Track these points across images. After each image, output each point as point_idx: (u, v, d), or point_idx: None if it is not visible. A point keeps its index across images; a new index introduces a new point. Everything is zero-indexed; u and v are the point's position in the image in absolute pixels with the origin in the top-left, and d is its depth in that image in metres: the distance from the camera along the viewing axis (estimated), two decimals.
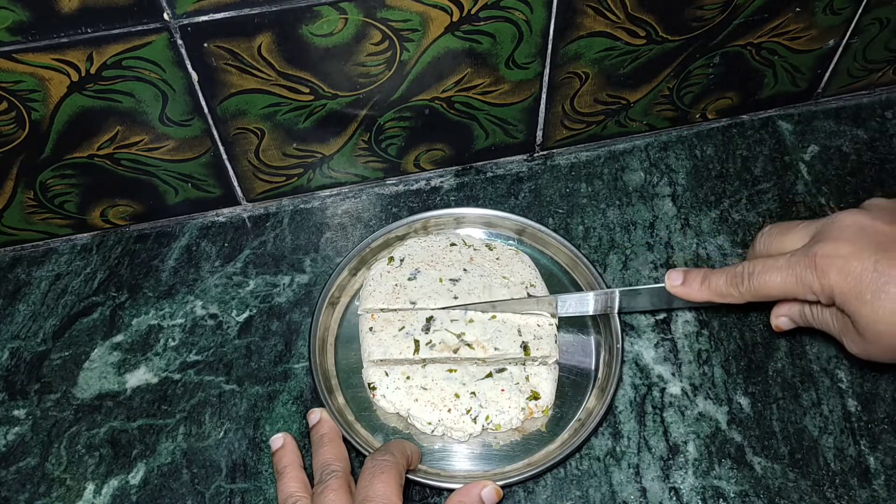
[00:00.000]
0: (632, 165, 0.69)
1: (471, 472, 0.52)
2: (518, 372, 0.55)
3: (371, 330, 0.56)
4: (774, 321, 0.51)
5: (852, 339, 0.46)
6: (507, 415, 0.53)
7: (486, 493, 0.47)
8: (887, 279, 0.42)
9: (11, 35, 0.49)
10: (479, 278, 0.59)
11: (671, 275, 0.52)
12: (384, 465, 0.45)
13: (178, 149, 0.60)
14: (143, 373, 0.58)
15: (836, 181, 0.67)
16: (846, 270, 0.43)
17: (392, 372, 0.54)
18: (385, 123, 0.62)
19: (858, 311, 0.43)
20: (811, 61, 0.68)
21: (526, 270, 0.60)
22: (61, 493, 0.52)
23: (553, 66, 0.61)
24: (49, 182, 0.60)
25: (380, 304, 0.57)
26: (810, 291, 0.45)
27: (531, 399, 0.54)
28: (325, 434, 0.51)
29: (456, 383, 0.54)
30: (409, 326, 0.56)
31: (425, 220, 0.63)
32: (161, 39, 0.51)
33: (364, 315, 0.58)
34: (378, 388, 0.54)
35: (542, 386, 0.54)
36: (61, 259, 0.64)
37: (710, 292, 0.50)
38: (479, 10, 0.55)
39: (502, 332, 0.55)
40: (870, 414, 0.54)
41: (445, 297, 0.57)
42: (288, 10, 0.51)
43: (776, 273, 0.46)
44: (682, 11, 0.59)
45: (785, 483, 0.51)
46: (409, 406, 0.53)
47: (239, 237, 0.65)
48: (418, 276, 0.59)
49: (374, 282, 0.59)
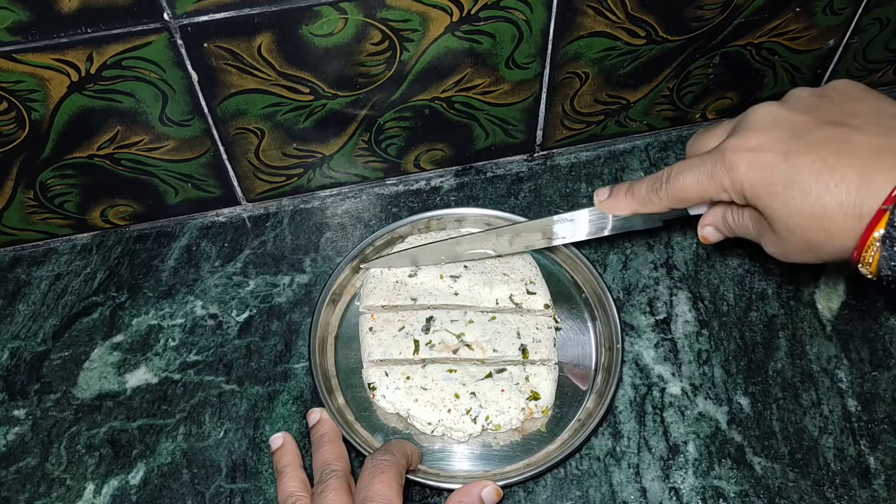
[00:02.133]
0: (632, 165, 0.69)
1: (471, 472, 0.52)
2: (518, 372, 0.54)
3: (371, 330, 0.56)
4: (700, 231, 0.49)
5: (769, 239, 0.43)
6: (506, 415, 0.53)
7: (486, 492, 0.47)
8: (798, 169, 0.39)
9: (11, 35, 0.49)
10: (480, 275, 0.59)
11: (599, 191, 0.51)
12: (384, 465, 0.45)
13: (178, 149, 0.60)
14: (143, 373, 0.58)
15: None
16: (756, 163, 0.40)
17: (392, 372, 0.54)
18: (385, 123, 0.62)
19: (770, 205, 0.40)
20: (811, 61, 0.68)
21: (526, 268, 0.60)
22: (61, 493, 0.52)
23: (553, 66, 0.61)
24: (49, 182, 0.60)
25: (381, 301, 0.57)
26: (722, 189, 0.42)
27: (531, 399, 0.53)
28: (325, 434, 0.51)
29: (456, 383, 0.54)
30: (409, 326, 0.56)
31: (427, 220, 0.62)
32: (161, 39, 0.51)
33: (364, 314, 0.58)
34: (378, 388, 0.54)
35: (542, 386, 0.54)
36: (61, 259, 0.64)
37: (633, 201, 0.48)
38: (479, 10, 0.55)
39: (501, 334, 0.55)
40: (870, 414, 0.54)
41: (446, 293, 0.57)
42: (288, 10, 0.51)
43: (690, 173, 0.44)
44: (682, 11, 0.59)
45: (785, 483, 0.51)
46: (409, 406, 0.53)
47: (239, 237, 0.65)
48: (419, 272, 0.59)
49: (375, 279, 0.59)
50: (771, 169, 0.40)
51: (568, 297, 0.60)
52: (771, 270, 0.61)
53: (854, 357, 0.57)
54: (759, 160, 0.40)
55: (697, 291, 0.60)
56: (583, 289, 0.60)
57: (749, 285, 0.61)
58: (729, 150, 0.42)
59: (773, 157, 0.40)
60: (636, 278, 0.61)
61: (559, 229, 0.56)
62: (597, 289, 0.58)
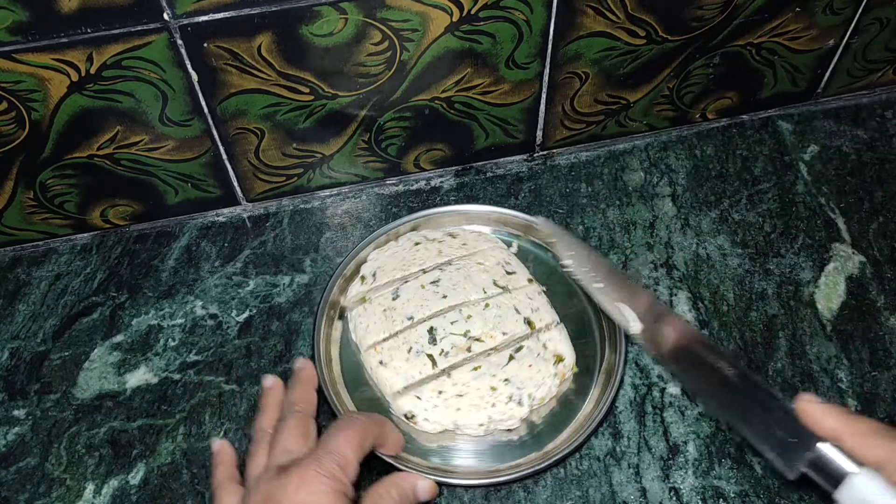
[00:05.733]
0: (632, 165, 0.69)
1: (475, 468, 0.52)
2: (534, 344, 0.55)
3: (381, 363, 0.55)
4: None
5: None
6: (545, 386, 0.53)
7: (421, 485, 0.48)
8: None
9: (11, 35, 0.49)
10: (458, 271, 0.59)
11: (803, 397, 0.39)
12: (352, 423, 0.45)
13: (178, 149, 0.60)
14: (142, 373, 0.58)
15: (836, 181, 0.67)
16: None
17: (422, 393, 0.53)
18: (385, 123, 0.62)
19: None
20: (811, 61, 0.68)
21: (496, 252, 0.60)
22: (61, 493, 0.52)
23: (553, 66, 0.61)
24: (49, 182, 0.60)
25: (381, 334, 0.56)
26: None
27: (557, 363, 0.54)
28: (301, 378, 0.52)
29: (486, 377, 0.53)
30: (416, 344, 0.55)
31: (425, 218, 0.63)
32: (161, 39, 0.51)
33: (367, 352, 0.56)
34: (417, 414, 0.53)
35: (561, 347, 0.55)
36: (61, 259, 0.64)
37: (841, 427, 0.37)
38: (479, 10, 0.55)
39: (502, 317, 0.56)
40: (870, 414, 0.54)
41: (435, 300, 0.57)
42: (288, 10, 0.51)
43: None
44: (682, 11, 0.59)
45: (785, 483, 0.51)
46: (454, 418, 0.52)
47: (239, 237, 0.65)
48: (400, 292, 0.58)
49: (362, 317, 0.57)
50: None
51: (571, 292, 0.60)
52: (771, 271, 0.61)
53: (854, 357, 0.57)
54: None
55: (697, 291, 0.60)
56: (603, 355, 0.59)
57: (749, 285, 0.61)
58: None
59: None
60: (636, 279, 0.61)
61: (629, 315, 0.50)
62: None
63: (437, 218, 0.63)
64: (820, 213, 0.65)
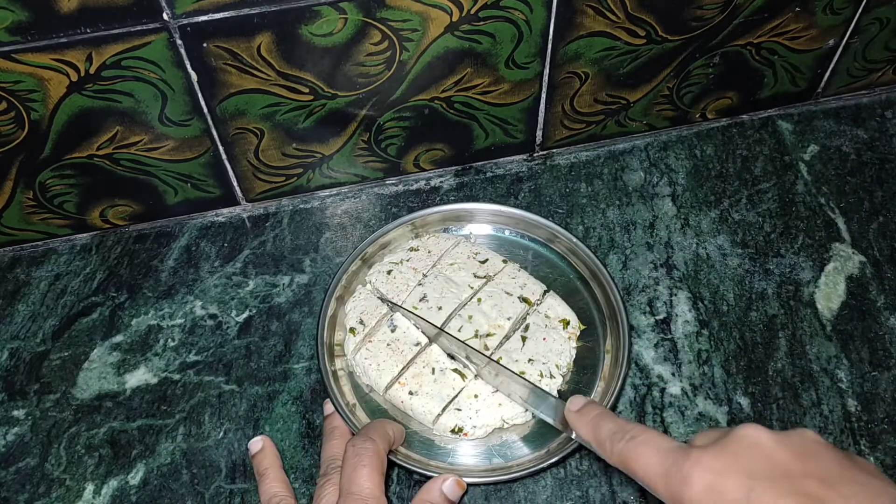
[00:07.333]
0: (632, 165, 0.69)
1: (475, 467, 0.52)
2: (537, 319, 0.57)
3: (411, 394, 0.53)
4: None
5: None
6: (565, 352, 0.55)
7: (446, 486, 0.48)
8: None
9: (11, 35, 0.49)
10: (437, 279, 0.58)
11: (574, 399, 0.46)
12: (365, 456, 0.45)
13: (177, 149, 0.60)
14: (142, 373, 0.58)
15: (836, 181, 0.67)
16: (714, 487, 0.34)
17: (462, 404, 0.53)
18: (385, 123, 0.62)
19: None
20: (811, 61, 0.68)
21: (461, 246, 0.61)
22: (61, 493, 0.52)
23: (553, 66, 0.61)
24: (48, 182, 0.60)
25: (396, 368, 0.54)
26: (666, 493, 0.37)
27: (565, 327, 0.56)
28: (336, 427, 0.51)
29: (511, 365, 0.54)
30: (437, 364, 0.55)
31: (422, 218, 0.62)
32: (160, 39, 0.51)
33: (392, 389, 0.54)
34: (465, 426, 0.52)
35: (561, 310, 0.57)
36: (61, 259, 0.64)
37: (592, 432, 0.43)
38: (479, 9, 0.55)
39: (499, 304, 0.57)
40: (870, 414, 0.54)
41: (432, 316, 0.56)
42: (288, 10, 0.51)
43: (651, 454, 0.38)
44: (681, 11, 0.59)
45: None
46: (499, 414, 0.52)
47: (238, 237, 0.65)
48: (396, 322, 0.57)
49: (369, 361, 0.55)
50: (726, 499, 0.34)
51: (576, 291, 0.60)
52: (771, 270, 0.61)
53: (854, 357, 0.57)
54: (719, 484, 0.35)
55: (697, 291, 0.60)
56: (582, 274, 0.60)
57: (749, 285, 0.61)
58: (693, 459, 0.36)
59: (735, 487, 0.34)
60: (636, 278, 0.61)
61: (533, 402, 0.51)
62: (612, 301, 0.58)
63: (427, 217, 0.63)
64: (820, 213, 0.65)
